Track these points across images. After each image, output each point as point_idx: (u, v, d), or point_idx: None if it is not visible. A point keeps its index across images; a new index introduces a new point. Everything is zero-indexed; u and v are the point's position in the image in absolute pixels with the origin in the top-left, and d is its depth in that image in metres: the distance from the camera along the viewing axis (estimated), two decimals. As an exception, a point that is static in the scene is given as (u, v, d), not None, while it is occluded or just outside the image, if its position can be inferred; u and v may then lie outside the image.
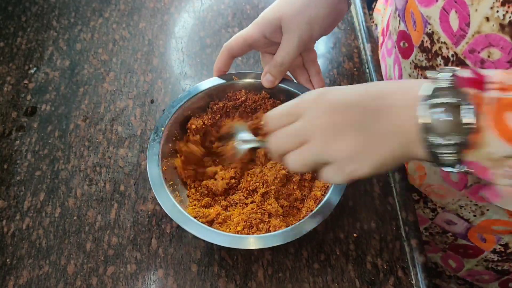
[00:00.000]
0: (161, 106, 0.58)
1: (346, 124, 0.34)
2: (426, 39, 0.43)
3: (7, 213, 0.49)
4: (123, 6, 0.69)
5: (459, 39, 0.38)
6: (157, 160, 0.46)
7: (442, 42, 0.40)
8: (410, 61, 0.47)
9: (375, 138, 0.33)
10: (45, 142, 0.55)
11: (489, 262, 0.54)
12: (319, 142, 0.34)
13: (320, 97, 0.36)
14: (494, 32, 0.34)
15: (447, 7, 0.38)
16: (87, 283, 0.45)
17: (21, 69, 0.61)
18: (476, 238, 0.52)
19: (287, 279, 0.46)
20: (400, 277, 0.47)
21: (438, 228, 0.56)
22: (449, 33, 0.39)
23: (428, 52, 0.43)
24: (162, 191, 0.44)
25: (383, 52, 0.59)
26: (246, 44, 0.49)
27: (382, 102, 0.33)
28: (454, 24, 0.38)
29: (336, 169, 0.34)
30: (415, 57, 0.46)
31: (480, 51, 0.36)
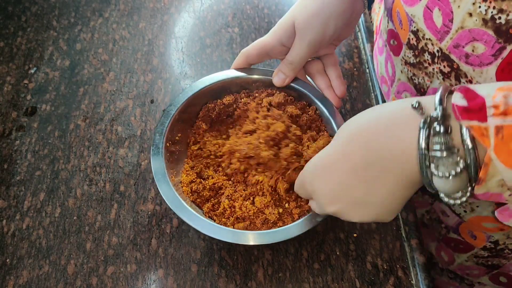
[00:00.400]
0: (161, 106, 0.58)
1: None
2: (412, 36, 0.44)
3: (7, 213, 0.49)
4: (123, 6, 0.69)
5: (443, 35, 0.39)
6: (161, 149, 0.47)
7: (427, 39, 0.41)
8: (401, 58, 0.48)
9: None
10: (45, 142, 0.55)
11: (479, 258, 0.54)
12: None
13: None
14: (477, 27, 0.35)
15: (430, 5, 0.39)
16: (87, 283, 0.45)
17: (21, 69, 0.61)
18: (467, 234, 0.52)
19: (287, 279, 0.46)
20: (400, 277, 0.47)
21: (436, 214, 0.56)
22: (433, 29, 0.40)
23: (415, 49, 0.44)
24: (164, 182, 0.44)
25: (375, 50, 0.60)
26: (264, 51, 0.49)
27: (381, 165, 0.33)
28: (438, 21, 0.39)
29: None
30: (404, 54, 0.47)
31: (465, 45, 0.37)
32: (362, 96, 0.60)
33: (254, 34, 0.66)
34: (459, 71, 0.39)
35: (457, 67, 0.39)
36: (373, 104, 0.60)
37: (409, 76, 0.47)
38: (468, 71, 0.38)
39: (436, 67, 0.42)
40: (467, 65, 0.38)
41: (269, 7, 0.70)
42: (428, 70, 0.43)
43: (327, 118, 0.51)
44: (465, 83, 0.39)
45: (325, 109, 0.51)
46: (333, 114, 0.50)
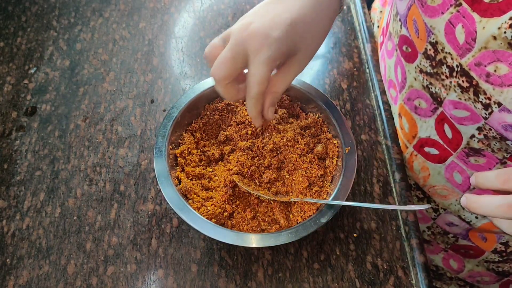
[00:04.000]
0: (161, 106, 0.58)
1: None
2: (429, 47, 0.42)
3: (7, 213, 0.49)
4: (123, 6, 0.69)
5: (464, 52, 0.38)
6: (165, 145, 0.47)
7: (447, 52, 0.40)
8: (415, 66, 0.46)
9: None
10: (45, 142, 0.55)
11: (490, 263, 0.54)
12: None
13: None
14: (502, 49, 0.34)
15: (454, 21, 0.37)
16: (87, 283, 0.45)
17: (21, 69, 0.61)
18: (477, 238, 0.52)
19: (287, 279, 0.46)
20: (400, 277, 0.47)
21: (440, 228, 0.56)
22: (455, 45, 0.39)
23: (432, 60, 0.43)
24: (168, 185, 0.44)
25: (382, 52, 0.59)
26: None
27: None
28: (460, 37, 0.37)
29: None
30: (419, 62, 0.45)
31: (487, 65, 0.36)
32: (362, 96, 0.60)
33: (254, 34, 0.66)
34: (478, 88, 0.38)
35: (477, 84, 0.38)
36: (373, 104, 0.60)
37: (425, 84, 0.46)
38: (487, 89, 0.37)
39: (454, 80, 0.41)
40: (487, 84, 0.37)
41: (269, 7, 0.70)
42: (445, 82, 0.42)
43: (330, 119, 0.51)
44: (483, 100, 0.39)
45: (328, 111, 0.51)
46: (336, 116, 0.50)
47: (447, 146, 0.47)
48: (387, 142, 0.56)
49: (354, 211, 0.50)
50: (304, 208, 0.45)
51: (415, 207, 0.42)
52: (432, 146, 0.50)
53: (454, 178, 0.49)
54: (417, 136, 0.52)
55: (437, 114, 0.47)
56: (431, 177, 0.52)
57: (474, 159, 0.45)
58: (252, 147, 0.50)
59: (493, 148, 0.42)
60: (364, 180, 0.53)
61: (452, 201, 0.51)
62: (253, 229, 0.45)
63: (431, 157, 0.51)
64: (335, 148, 0.50)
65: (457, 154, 0.46)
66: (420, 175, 0.54)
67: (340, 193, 0.45)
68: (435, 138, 0.49)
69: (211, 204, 0.45)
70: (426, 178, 0.53)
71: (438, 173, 0.51)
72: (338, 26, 0.68)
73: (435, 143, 0.49)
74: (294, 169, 0.49)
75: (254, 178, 0.48)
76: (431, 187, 0.53)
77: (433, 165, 0.51)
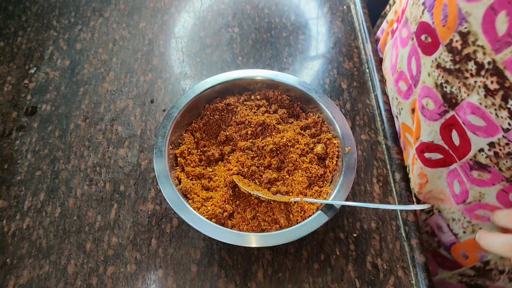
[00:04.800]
0: (161, 106, 0.58)
1: None
2: (457, 38, 0.37)
3: (8, 213, 0.49)
4: (123, 6, 0.69)
5: (502, 46, 0.32)
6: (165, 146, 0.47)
7: (479, 46, 0.34)
8: (433, 59, 0.41)
9: None
10: (45, 142, 0.55)
11: (464, 277, 0.51)
12: None
13: None
14: None
15: (497, 7, 0.32)
16: (87, 283, 0.45)
17: (22, 69, 0.61)
18: (459, 254, 0.49)
19: (287, 279, 0.46)
20: (400, 277, 0.47)
21: (429, 228, 0.53)
22: (491, 37, 0.33)
23: (456, 54, 0.37)
24: (168, 185, 0.44)
25: (395, 39, 0.53)
26: None
27: None
28: (500, 27, 0.32)
29: None
30: (439, 55, 0.40)
31: None
32: (362, 96, 0.60)
33: (254, 34, 0.66)
34: (510, 91, 0.33)
35: (509, 86, 0.33)
36: (373, 104, 0.60)
37: (439, 82, 0.41)
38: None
39: (480, 80, 0.35)
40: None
41: (269, 7, 0.70)
42: (469, 81, 0.37)
43: (330, 119, 0.51)
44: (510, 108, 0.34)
45: (328, 111, 0.51)
46: (336, 116, 0.50)
47: (453, 152, 0.43)
48: (387, 142, 0.56)
49: (354, 211, 0.50)
50: (304, 208, 0.45)
51: (415, 207, 0.42)
52: (435, 151, 0.45)
53: (454, 186, 0.45)
54: (419, 139, 0.47)
55: (445, 118, 0.41)
56: (429, 184, 0.48)
57: (478, 174, 0.41)
58: (252, 147, 0.50)
59: (502, 167, 0.38)
60: (364, 180, 0.53)
61: (446, 207, 0.48)
62: (253, 229, 0.45)
63: (432, 163, 0.46)
64: (335, 148, 0.50)
65: (461, 163, 0.42)
66: (417, 181, 0.50)
67: (340, 193, 0.45)
68: (439, 143, 0.44)
69: (211, 204, 0.45)
70: (423, 185, 0.49)
71: (439, 177, 0.47)
72: (338, 26, 0.68)
73: (439, 148, 0.45)
74: (294, 169, 0.49)
75: (254, 178, 0.49)
76: (428, 193, 0.50)
77: (433, 171, 0.47)
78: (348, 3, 0.71)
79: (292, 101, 0.55)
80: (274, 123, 0.51)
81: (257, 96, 0.54)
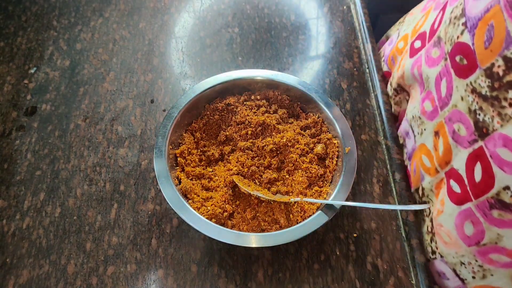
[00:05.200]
0: (161, 106, 0.58)
1: None
2: (500, 63, 0.34)
3: (7, 213, 0.49)
4: (123, 6, 0.69)
5: None
6: (165, 147, 0.47)
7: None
8: (468, 83, 0.38)
9: None
10: (45, 142, 0.55)
11: None
12: None
13: None
14: None
15: None
16: (87, 283, 0.45)
17: (21, 69, 0.61)
18: None
19: (287, 280, 0.46)
20: (400, 277, 0.47)
21: (429, 274, 0.49)
22: None
23: (496, 80, 0.34)
24: (168, 185, 0.44)
25: (418, 58, 0.50)
26: None
27: None
28: None
29: None
30: (475, 79, 0.37)
31: None
32: (362, 96, 0.60)
33: (254, 34, 0.66)
34: None
35: None
36: (373, 104, 0.60)
37: (473, 108, 0.38)
38: None
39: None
40: None
41: (269, 7, 0.70)
42: (505, 111, 0.34)
43: (330, 119, 0.51)
44: None
45: (328, 111, 0.51)
46: (336, 116, 0.50)
47: (470, 189, 0.39)
48: (387, 142, 0.56)
49: (354, 211, 0.50)
50: (304, 208, 0.45)
51: (415, 207, 0.42)
52: (456, 182, 0.42)
53: (464, 228, 0.41)
54: (451, 164, 0.43)
55: (474, 148, 0.38)
56: (442, 215, 0.45)
57: (498, 213, 0.37)
58: (252, 147, 0.50)
59: None
60: (364, 180, 0.53)
61: (451, 252, 0.44)
62: (253, 229, 0.45)
63: (452, 194, 0.43)
64: (335, 148, 0.50)
65: (477, 202, 0.39)
66: (437, 206, 0.46)
67: (340, 193, 0.45)
68: (462, 174, 0.41)
69: (211, 204, 0.45)
70: (440, 212, 0.45)
71: (450, 215, 0.43)
72: (338, 26, 0.68)
73: (460, 180, 0.41)
74: (294, 169, 0.49)
75: (254, 178, 0.48)
76: (439, 225, 0.45)
77: (449, 203, 0.43)
78: (348, 3, 0.71)
79: (292, 101, 0.55)
80: (274, 123, 0.51)
81: (257, 96, 0.54)
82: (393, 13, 0.85)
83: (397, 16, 0.68)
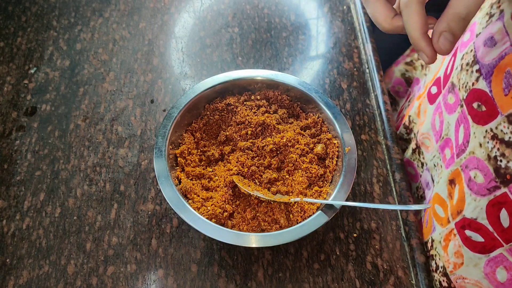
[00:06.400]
0: (161, 106, 0.58)
1: None
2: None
3: (7, 213, 0.49)
4: (123, 6, 0.69)
5: None
6: (165, 146, 0.47)
7: None
8: (487, 129, 0.37)
9: None
10: (45, 142, 0.55)
11: None
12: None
13: None
14: None
15: None
16: (87, 283, 0.45)
17: (21, 69, 0.61)
18: None
19: (287, 279, 0.46)
20: (400, 277, 0.47)
21: None
22: None
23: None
24: (168, 185, 0.44)
25: (438, 104, 0.49)
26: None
27: None
28: None
29: None
30: (496, 126, 0.36)
31: None
32: (362, 96, 0.60)
33: (254, 34, 0.66)
34: None
35: None
36: (373, 104, 0.60)
37: (493, 154, 0.37)
38: None
39: None
40: None
41: (269, 7, 0.70)
42: None
43: (330, 119, 0.51)
44: None
45: (328, 111, 0.51)
46: (336, 116, 0.50)
47: (498, 235, 0.38)
48: (387, 142, 0.56)
49: (354, 211, 0.50)
50: (304, 208, 0.45)
51: (415, 207, 0.42)
52: (476, 231, 0.40)
53: (496, 275, 0.39)
54: (462, 214, 0.42)
55: (495, 195, 0.37)
56: (464, 267, 0.42)
57: None
58: (252, 147, 0.50)
59: None
60: (364, 180, 0.53)
61: None
62: (253, 229, 0.45)
63: (472, 244, 0.41)
64: (335, 148, 0.50)
65: (510, 247, 0.37)
66: (452, 260, 0.44)
67: (340, 193, 0.45)
68: (483, 222, 0.39)
69: (211, 204, 0.45)
70: (458, 265, 0.43)
71: (475, 265, 0.41)
72: (338, 26, 0.68)
73: (481, 228, 0.40)
74: (294, 169, 0.49)
75: (254, 178, 0.49)
76: (461, 278, 0.43)
77: (470, 254, 0.41)
78: (348, 3, 0.71)
79: (292, 101, 0.55)
80: (274, 123, 0.51)
81: (257, 96, 0.54)
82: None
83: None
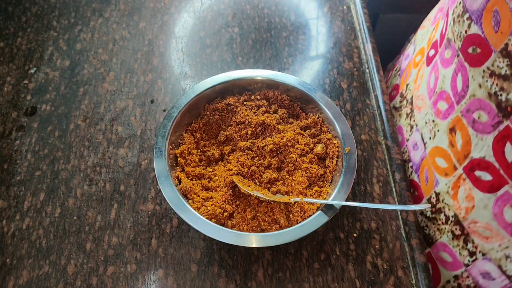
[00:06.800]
0: (161, 106, 0.58)
1: None
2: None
3: (7, 213, 0.49)
4: (123, 6, 0.69)
5: None
6: (165, 146, 0.47)
7: None
8: (484, 69, 0.40)
9: None
10: (45, 142, 0.55)
11: None
12: None
13: None
14: None
15: None
16: (87, 283, 0.45)
17: (21, 69, 0.61)
18: None
19: (287, 279, 0.46)
20: (400, 277, 0.47)
21: (471, 280, 0.46)
22: None
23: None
24: (168, 185, 0.44)
25: (434, 63, 0.52)
26: None
27: None
28: None
29: None
30: (491, 63, 0.38)
31: None
32: (362, 96, 0.60)
33: (254, 34, 0.66)
34: None
35: None
36: (373, 104, 0.60)
37: (493, 91, 0.39)
38: None
39: None
40: None
41: (269, 7, 0.70)
42: None
43: (330, 119, 0.51)
44: None
45: (328, 111, 0.51)
46: (336, 116, 0.51)
47: (504, 172, 0.39)
48: (387, 142, 0.56)
49: (354, 211, 0.50)
50: (304, 208, 0.45)
51: (415, 207, 0.42)
52: (485, 170, 0.42)
53: (504, 214, 0.40)
54: (470, 156, 0.43)
55: (499, 129, 0.39)
56: (475, 210, 0.43)
57: None
58: (252, 147, 0.50)
59: None
60: (364, 180, 0.53)
61: (494, 246, 0.42)
62: (253, 229, 0.45)
63: (481, 184, 0.42)
64: (335, 148, 0.50)
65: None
66: (463, 205, 0.45)
67: (340, 193, 0.45)
68: (490, 160, 0.40)
69: (211, 204, 0.45)
70: (469, 210, 0.44)
71: (485, 207, 0.42)
72: (338, 26, 0.68)
73: (489, 166, 0.41)
74: (294, 169, 0.49)
75: (254, 178, 0.49)
76: (473, 223, 0.44)
77: (480, 195, 0.42)
78: (348, 3, 0.71)
79: (292, 101, 0.55)
80: (274, 123, 0.51)
81: (257, 96, 0.54)
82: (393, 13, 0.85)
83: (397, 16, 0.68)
